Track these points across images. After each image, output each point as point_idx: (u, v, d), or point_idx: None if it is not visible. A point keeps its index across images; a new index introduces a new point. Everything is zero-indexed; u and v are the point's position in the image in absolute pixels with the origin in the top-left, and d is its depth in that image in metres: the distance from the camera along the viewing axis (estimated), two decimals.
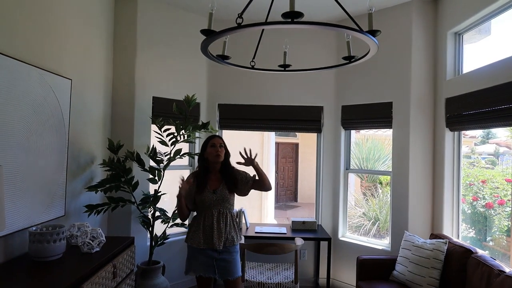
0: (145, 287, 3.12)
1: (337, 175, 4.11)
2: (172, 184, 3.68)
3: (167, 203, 3.61)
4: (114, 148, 3.11)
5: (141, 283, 3.13)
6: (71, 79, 2.72)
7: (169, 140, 3.28)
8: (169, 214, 3.40)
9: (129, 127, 3.49)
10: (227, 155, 2.61)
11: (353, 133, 4.29)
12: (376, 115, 3.79)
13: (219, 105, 4.16)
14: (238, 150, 2.56)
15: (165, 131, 3.26)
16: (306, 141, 11.24)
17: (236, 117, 4.18)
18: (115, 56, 3.52)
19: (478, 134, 3.73)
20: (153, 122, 3.34)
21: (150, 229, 3.27)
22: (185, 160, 3.99)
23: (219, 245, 2.43)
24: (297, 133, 11.01)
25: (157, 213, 3.29)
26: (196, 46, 1.78)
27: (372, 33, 1.59)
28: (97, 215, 3.01)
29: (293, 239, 3.43)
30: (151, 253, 3.28)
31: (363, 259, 3.28)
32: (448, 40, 3.35)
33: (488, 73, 2.79)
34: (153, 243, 3.27)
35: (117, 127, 3.50)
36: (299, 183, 11.82)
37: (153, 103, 3.62)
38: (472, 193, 3.39)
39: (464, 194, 3.37)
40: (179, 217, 2.66)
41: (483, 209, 3.25)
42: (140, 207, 3.20)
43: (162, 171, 3.27)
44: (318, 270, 4.07)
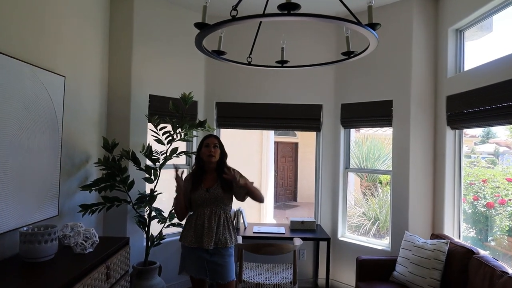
0: None
1: (337, 175, 4.06)
2: (169, 183, 3.64)
3: (165, 202, 3.56)
4: (109, 146, 3.06)
5: (137, 284, 3.08)
6: (64, 76, 2.67)
7: (165, 139, 3.23)
8: (166, 214, 3.35)
9: (125, 126, 3.44)
10: (222, 155, 2.56)
11: (352, 132, 4.25)
12: (376, 113, 3.74)
13: (217, 104, 4.10)
14: (237, 150, 2.52)
15: (161, 129, 3.21)
16: (305, 140, 11.19)
17: (234, 115, 4.13)
18: (111, 53, 3.46)
19: (478, 133, 3.70)
20: (149, 121, 3.29)
21: (146, 229, 3.22)
22: (182, 159, 3.93)
23: (208, 244, 2.38)
24: (297, 132, 10.97)
25: (153, 213, 3.24)
26: (194, 44, 1.75)
27: (372, 26, 1.53)
28: (92, 214, 2.96)
29: (291, 239, 3.39)
30: (147, 254, 3.23)
31: (362, 259, 3.24)
32: (449, 37, 3.31)
33: (490, 71, 2.75)
34: (149, 243, 3.23)
35: (113, 125, 3.46)
36: (298, 182, 11.77)
37: (149, 101, 3.57)
38: (472, 193, 3.37)
39: (465, 194, 3.34)
40: (177, 216, 2.63)
41: (484, 208, 3.22)
42: (135, 207, 3.15)
43: (158, 170, 3.22)
44: (317, 270, 4.03)
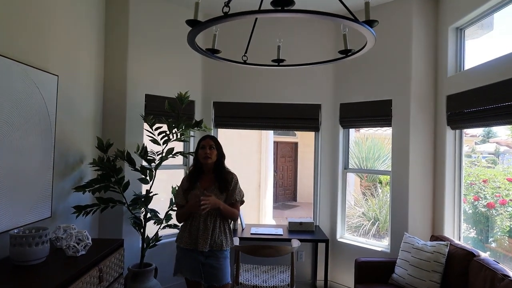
0: None
1: (335, 175, 4.02)
2: (167, 184, 3.59)
3: (163, 203, 3.51)
4: (103, 146, 3.01)
5: (132, 287, 3.03)
6: (57, 76, 2.62)
7: (161, 139, 3.18)
8: (162, 215, 3.30)
9: (121, 126, 3.39)
10: (219, 156, 2.51)
11: (352, 132, 4.20)
12: (375, 113, 3.69)
13: (214, 103, 4.06)
14: (235, 149, 2.47)
15: (156, 129, 3.16)
16: (305, 140, 11.13)
17: (232, 115, 4.08)
18: (106, 52, 3.41)
19: (478, 133, 3.66)
20: (145, 120, 3.24)
21: (142, 230, 3.17)
22: (179, 160, 3.89)
23: (203, 246, 2.34)
24: (297, 132, 10.92)
25: (149, 214, 3.19)
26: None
27: (369, 23, 1.48)
28: (86, 216, 2.91)
29: (289, 240, 3.34)
30: (142, 255, 3.18)
31: (361, 261, 3.19)
32: (449, 36, 3.26)
33: (491, 70, 2.70)
34: (145, 245, 3.18)
35: (108, 125, 3.41)
36: (298, 182, 11.72)
37: (145, 101, 3.52)
38: (473, 193, 3.33)
39: (465, 194, 3.30)
40: (177, 220, 2.57)
41: (484, 209, 3.19)
42: (130, 208, 3.10)
43: (154, 170, 3.17)
44: (316, 272, 3.98)
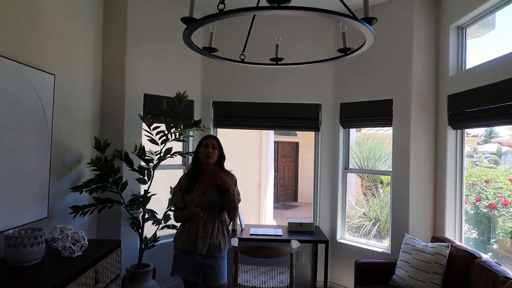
0: None
1: (336, 175, 3.98)
2: (165, 184, 3.56)
3: (162, 203, 3.49)
4: (100, 146, 2.99)
5: None
6: (54, 75, 2.60)
7: (159, 139, 3.16)
8: (160, 216, 3.28)
9: (119, 125, 3.37)
10: (220, 157, 2.48)
11: (353, 131, 4.17)
12: (376, 113, 3.66)
13: (214, 103, 4.03)
14: (235, 149, 2.44)
15: (154, 129, 3.14)
16: (306, 140, 11.10)
17: (231, 115, 4.05)
18: (104, 51, 3.39)
19: (480, 133, 3.62)
20: (143, 120, 3.22)
21: (140, 231, 3.15)
22: (178, 160, 3.86)
23: (202, 249, 2.32)
24: (297, 132, 10.89)
25: (147, 215, 3.17)
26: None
27: (368, 21, 1.45)
28: (83, 216, 2.89)
29: (289, 241, 3.31)
30: (140, 256, 3.16)
31: (361, 262, 3.16)
32: (451, 35, 3.22)
33: (493, 69, 2.67)
34: (143, 245, 3.15)
35: (106, 125, 3.39)
36: (299, 182, 11.69)
37: (144, 100, 3.50)
38: (475, 193, 3.30)
39: (467, 194, 3.27)
40: (175, 220, 2.56)
41: (486, 209, 3.15)
42: (128, 208, 3.08)
43: (152, 170, 3.15)
44: (316, 273, 3.95)
